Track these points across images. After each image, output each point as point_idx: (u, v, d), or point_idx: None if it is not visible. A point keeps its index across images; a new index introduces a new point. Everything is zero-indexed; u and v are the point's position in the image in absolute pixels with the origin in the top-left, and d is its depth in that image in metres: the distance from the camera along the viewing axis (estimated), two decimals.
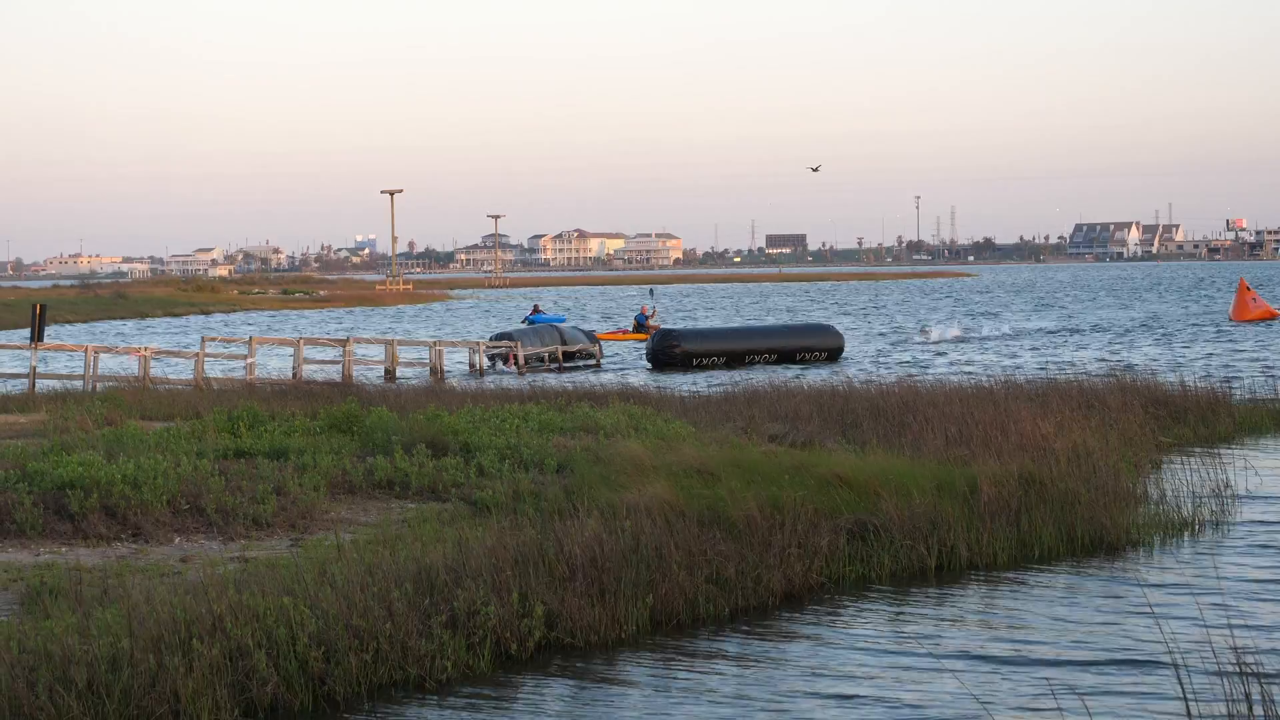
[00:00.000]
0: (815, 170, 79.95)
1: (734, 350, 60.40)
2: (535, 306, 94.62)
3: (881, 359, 62.85)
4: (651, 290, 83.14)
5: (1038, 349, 67.35)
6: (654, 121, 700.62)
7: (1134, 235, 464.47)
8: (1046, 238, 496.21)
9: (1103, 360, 55.95)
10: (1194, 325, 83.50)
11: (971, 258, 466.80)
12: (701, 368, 58.11)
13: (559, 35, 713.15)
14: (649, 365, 60.03)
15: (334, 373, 49.66)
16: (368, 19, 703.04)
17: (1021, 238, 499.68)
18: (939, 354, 65.63)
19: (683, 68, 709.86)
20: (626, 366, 60.96)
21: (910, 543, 19.52)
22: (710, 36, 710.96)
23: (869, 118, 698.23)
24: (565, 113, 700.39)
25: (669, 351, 59.38)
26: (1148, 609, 17.03)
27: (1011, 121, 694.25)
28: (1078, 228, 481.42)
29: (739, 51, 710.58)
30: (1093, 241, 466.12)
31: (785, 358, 60.16)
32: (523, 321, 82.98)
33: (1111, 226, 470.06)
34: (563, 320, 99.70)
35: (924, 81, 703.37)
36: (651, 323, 74.21)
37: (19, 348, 48.69)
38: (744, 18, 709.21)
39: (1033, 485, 21.29)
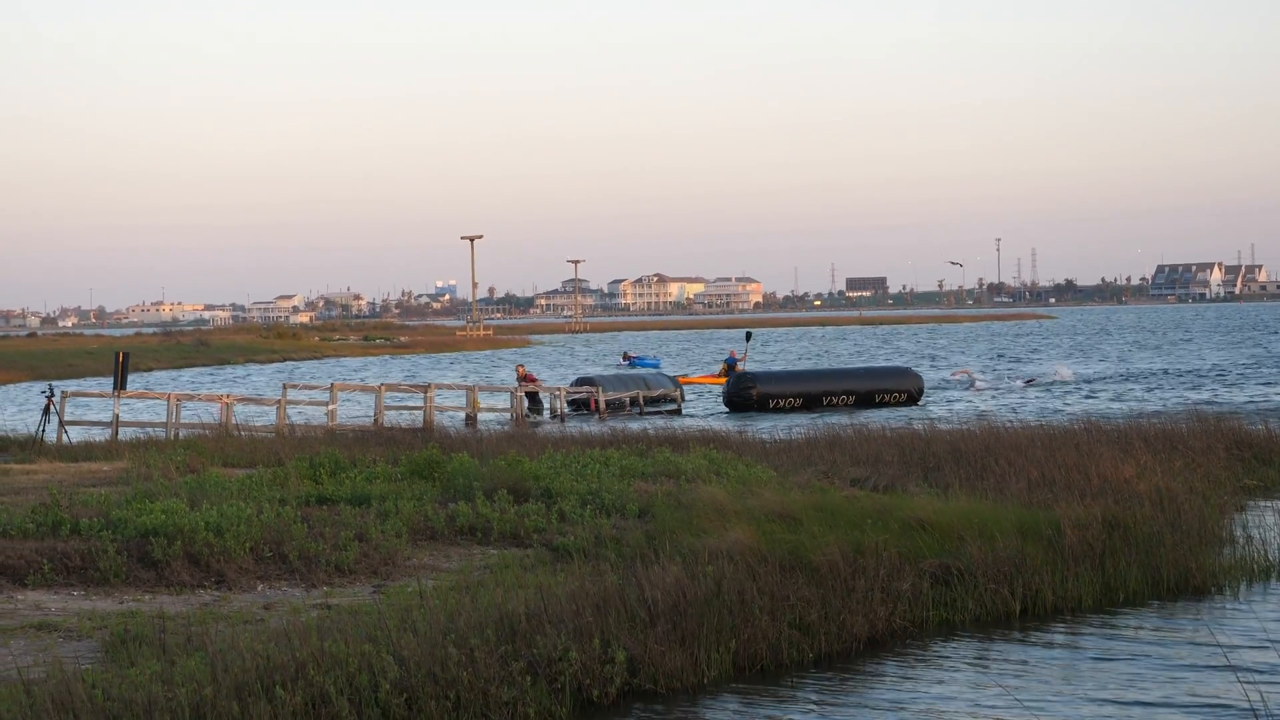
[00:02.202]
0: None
1: (810, 393, 60.15)
2: (625, 354, 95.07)
3: (959, 401, 62.47)
4: (749, 334, 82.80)
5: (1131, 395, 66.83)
6: (734, 165, 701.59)
7: (1216, 276, 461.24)
8: (1128, 279, 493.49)
9: (1182, 399, 55.48)
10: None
11: (1053, 300, 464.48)
12: (778, 410, 57.94)
13: (640, 86, 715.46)
14: (725, 409, 59.94)
15: (415, 419, 49.78)
16: (451, 68, 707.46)
17: (1103, 279, 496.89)
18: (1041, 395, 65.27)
19: (762, 114, 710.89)
20: (706, 411, 60.85)
21: (994, 586, 19.37)
22: (790, 84, 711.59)
23: (949, 160, 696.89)
24: (645, 158, 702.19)
25: (745, 394, 59.32)
26: (1233, 654, 16.83)
27: (1091, 162, 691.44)
28: (1159, 269, 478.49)
29: (819, 96, 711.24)
30: (1175, 283, 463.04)
31: (863, 400, 59.90)
32: (619, 366, 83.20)
33: (1194, 267, 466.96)
34: (657, 365, 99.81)
35: (1004, 123, 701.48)
36: (740, 367, 74.03)
37: (103, 395, 49.03)
38: (822, 64, 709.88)
39: (1117, 528, 21.12)
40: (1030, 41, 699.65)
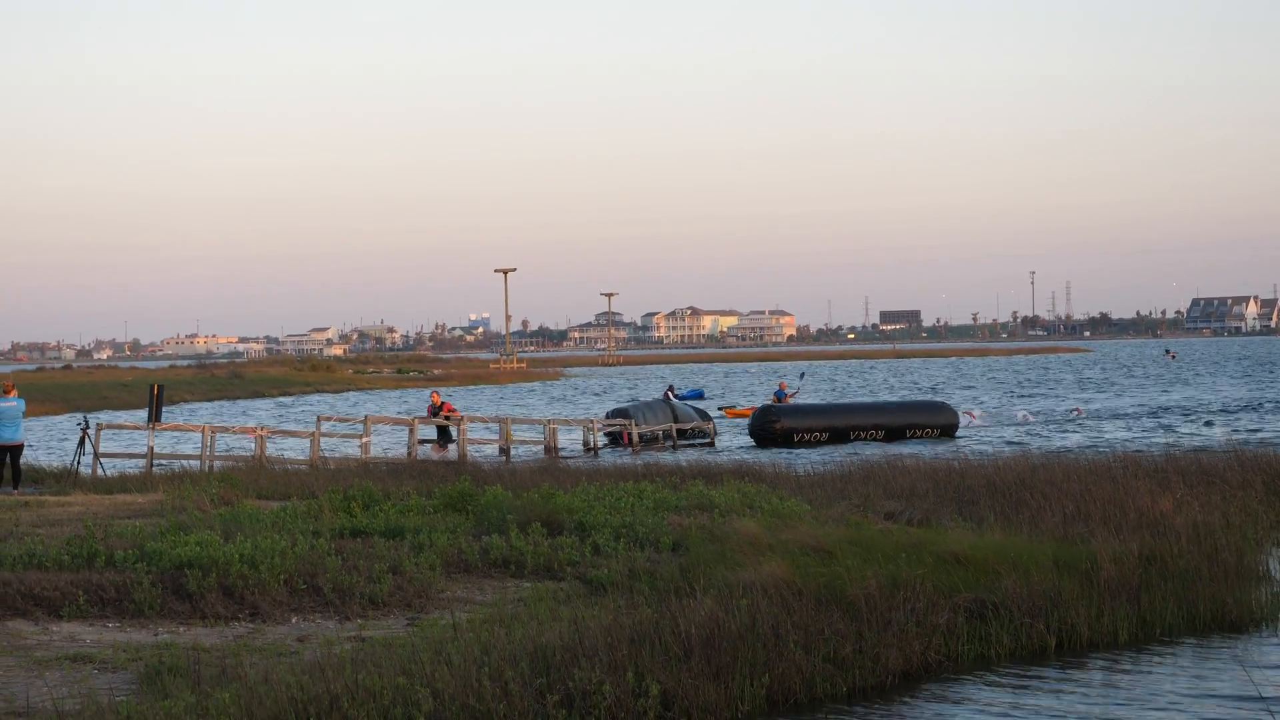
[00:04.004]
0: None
1: (837, 427, 59.79)
2: (670, 388, 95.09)
3: (991, 436, 62.30)
4: (803, 374, 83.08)
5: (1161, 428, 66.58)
6: (767, 198, 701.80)
7: (1252, 309, 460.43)
8: (1163, 312, 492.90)
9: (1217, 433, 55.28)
10: None
11: (1088, 333, 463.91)
12: (803, 444, 57.67)
13: (673, 117, 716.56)
14: (752, 441, 59.82)
15: (449, 451, 49.87)
16: (482, 99, 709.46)
17: (1138, 312, 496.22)
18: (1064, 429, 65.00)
19: (794, 145, 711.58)
20: (736, 444, 60.76)
21: (1029, 621, 19.30)
22: (822, 115, 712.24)
23: (983, 192, 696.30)
24: (677, 190, 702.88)
25: (769, 428, 59.11)
26: (1269, 690, 16.74)
27: (1126, 196, 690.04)
28: (1195, 302, 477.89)
29: (851, 128, 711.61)
30: (1210, 316, 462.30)
31: (894, 435, 59.56)
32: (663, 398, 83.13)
33: (1229, 301, 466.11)
34: (700, 395, 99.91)
35: (1039, 157, 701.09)
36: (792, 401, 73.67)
37: (137, 428, 49.19)
38: (856, 95, 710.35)
39: (1153, 563, 21.06)
40: (1066, 76, 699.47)
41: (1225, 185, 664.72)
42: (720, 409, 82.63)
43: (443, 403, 54.75)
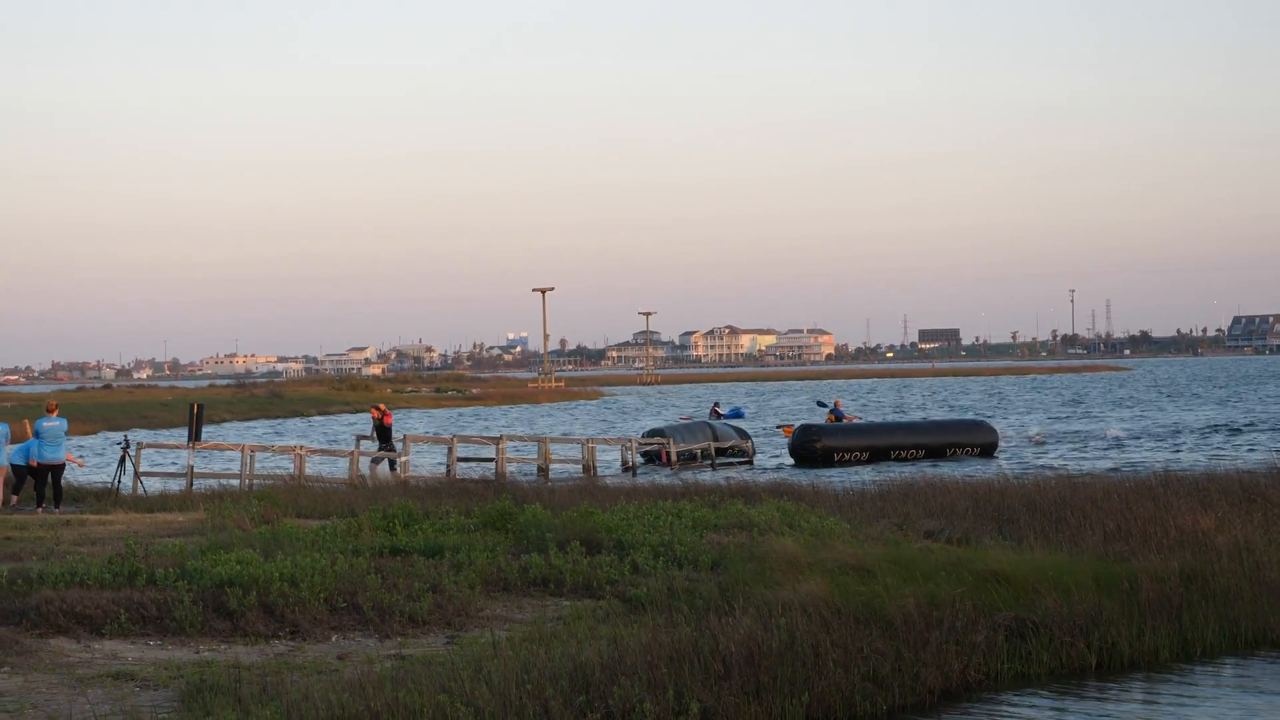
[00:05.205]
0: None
1: (877, 446, 59.85)
2: (715, 406, 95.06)
3: (1031, 456, 62.15)
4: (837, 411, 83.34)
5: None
6: (805, 216, 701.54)
7: None
8: (1204, 330, 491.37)
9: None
10: None
11: (1127, 351, 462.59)
12: (843, 463, 57.65)
13: (710, 136, 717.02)
14: (792, 461, 59.78)
15: (488, 470, 49.93)
16: (523, 122, 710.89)
17: (1179, 330, 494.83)
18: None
19: (833, 166, 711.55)
20: (774, 463, 60.73)
21: (1070, 639, 19.25)
22: (860, 132, 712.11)
23: (1023, 210, 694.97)
24: (715, 209, 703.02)
25: (809, 446, 59.10)
26: None
27: (1166, 214, 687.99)
28: (1236, 320, 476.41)
29: (889, 145, 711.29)
30: (1251, 333, 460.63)
31: (934, 453, 59.55)
32: (711, 417, 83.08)
33: (1271, 318, 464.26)
34: (740, 414, 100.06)
35: (1077, 175, 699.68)
36: (854, 417, 73.10)
37: (177, 447, 49.37)
38: (894, 111, 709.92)
39: (1194, 581, 20.98)
40: (1105, 92, 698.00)
41: (1267, 202, 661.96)
42: (778, 426, 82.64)
43: (386, 411, 52.54)
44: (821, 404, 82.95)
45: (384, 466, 48.84)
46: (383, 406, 52.80)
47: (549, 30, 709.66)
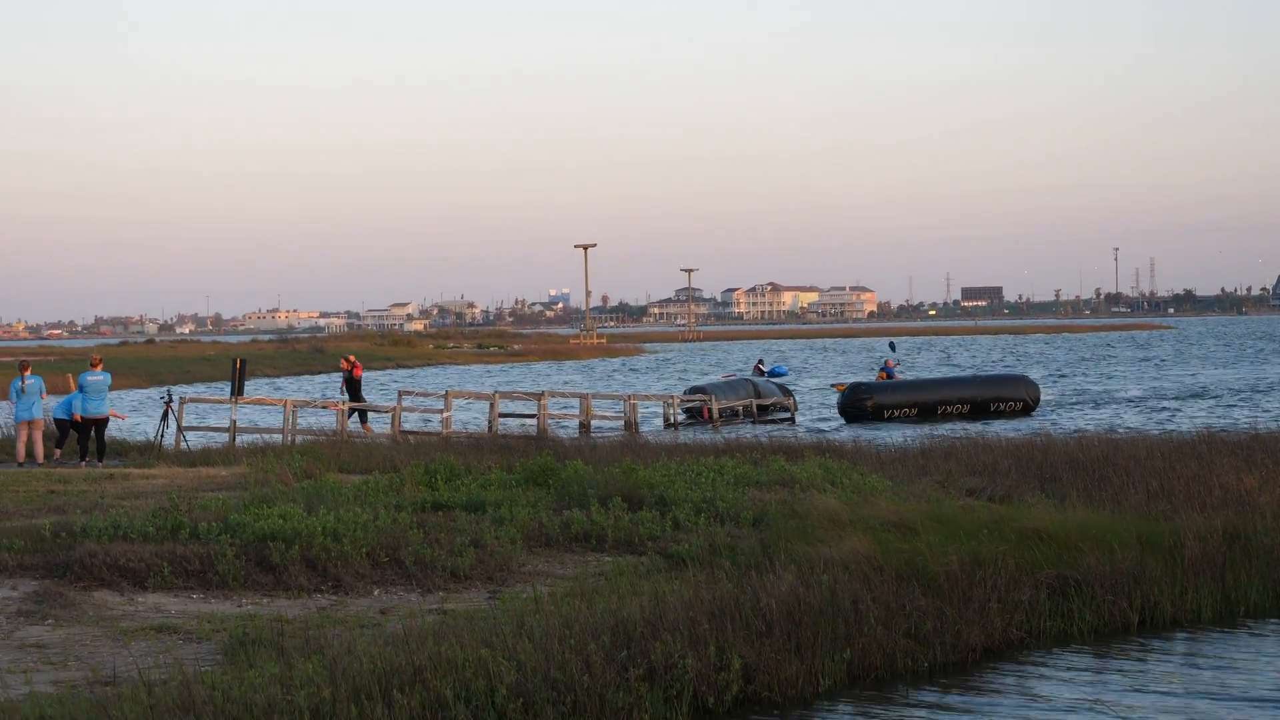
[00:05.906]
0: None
1: (925, 402, 60.07)
2: (759, 363, 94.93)
3: (1072, 410, 61.93)
4: (893, 344, 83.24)
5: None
6: (847, 173, 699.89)
7: None
8: (1249, 289, 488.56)
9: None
10: None
11: (1171, 310, 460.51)
12: (893, 420, 57.83)
13: (751, 95, 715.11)
14: (841, 419, 59.81)
15: (529, 426, 49.97)
16: (566, 82, 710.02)
17: (1223, 289, 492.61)
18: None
19: (875, 123, 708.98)
20: (818, 419, 60.70)
21: (1112, 598, 19.20)
22: (902, 92, 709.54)
23: (1067, 170, 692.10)
24: (758, 167, 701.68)
25: (860, 404, 59.24)
26: None
27: (1210, 172, 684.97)
28: None
29: (933, 105, 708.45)
30: None
31: (978, 409, 59.63)
32: (754, 374, 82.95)
33: None
34: (784, 372, 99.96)
35: (1121, 133, 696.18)
36: (901, 374, 72.79)
37: (220, 401, 49.51)
38: (934, 71, 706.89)
39: (1238, 540, 20.90)
40: (1152, 54, 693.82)
41: None
42: (832, 385, 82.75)
43: (352, 367, 52.34)
44: (894, 345, 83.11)
45: (355, 420, 49.08)
46: (352, 358, 52.82)
47: None
